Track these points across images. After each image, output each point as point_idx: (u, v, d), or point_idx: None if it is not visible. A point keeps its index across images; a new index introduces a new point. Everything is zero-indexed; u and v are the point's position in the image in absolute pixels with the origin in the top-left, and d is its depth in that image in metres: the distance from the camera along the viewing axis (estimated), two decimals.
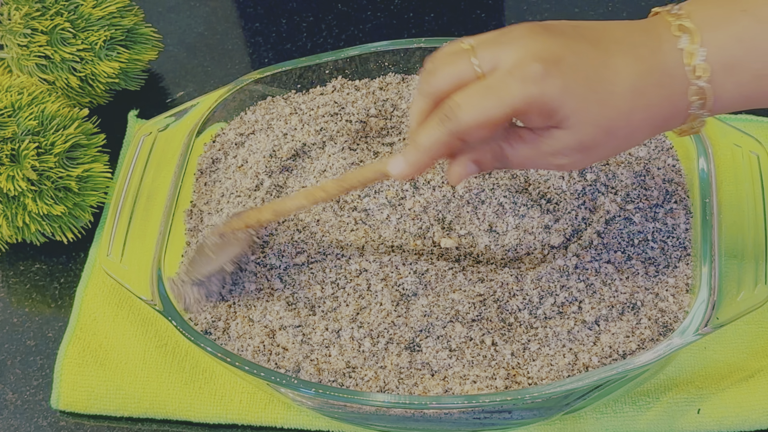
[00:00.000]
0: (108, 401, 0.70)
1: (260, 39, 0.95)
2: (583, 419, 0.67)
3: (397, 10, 0.95)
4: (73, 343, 0.72)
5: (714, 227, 0.65)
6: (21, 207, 0.74)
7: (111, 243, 0.68)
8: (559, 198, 0.68)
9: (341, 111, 0.75)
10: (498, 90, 0.52)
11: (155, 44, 0.88)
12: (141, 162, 0.72)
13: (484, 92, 0.52)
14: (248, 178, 0.72)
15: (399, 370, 0.61)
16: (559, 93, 0.51)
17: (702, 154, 0.68)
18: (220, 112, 0.76)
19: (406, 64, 0.78)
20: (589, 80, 0.52)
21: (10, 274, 0.79)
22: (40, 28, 0.80)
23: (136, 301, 0.74)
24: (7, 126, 0.74)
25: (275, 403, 0.69)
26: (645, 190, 0.68)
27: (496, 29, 0.55)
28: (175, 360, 0.71)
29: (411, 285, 0.64)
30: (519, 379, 0.60)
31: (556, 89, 0.51)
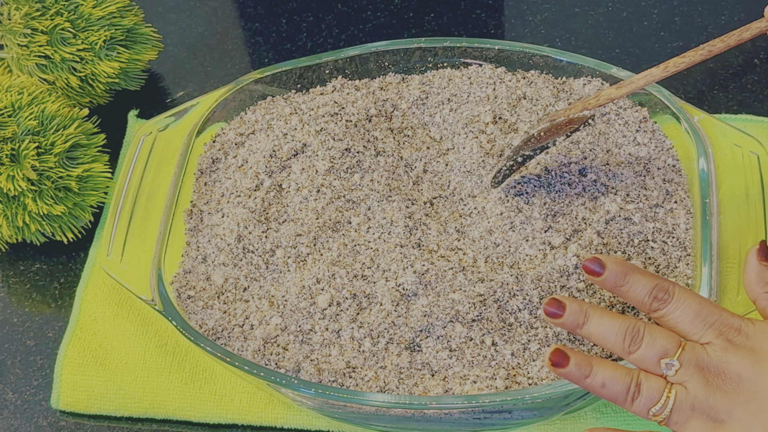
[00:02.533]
0: (108, 401, 0.70)
1: (260, 39, 0.95)
2: (583, 419, 0.67)
3: (397, 10, 0.95)
4: (73, 343, 0.72)
5: (714, 227, 0.65)
6: (21, 207, 0.74)
7: (111, 243, 0.68)
8: (559, 198, 0.68)
9: (341, 111, 0.75)
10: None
11: (155, 44, 0.88)
12: (141, 162, 0.72)
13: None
14: (248, 178, 0.72)
15: (399, 370, 0.61)
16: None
17: (702, 154, 0.68)
18: (220, 112, 0.76)
19: (406, 64, 0.78)
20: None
21: (10, 274, 0.79)
22: (40, 28, 0.80)
23: (136, 301, 0.74)
24: (7, 126, 0.74)
25: (275, 403, 0.69)
26: (645, 190, 0.69)
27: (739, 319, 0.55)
28: (175, 360, 0.71)
29: (411, 285, 0.64)
30: (519, 379, 0.60)
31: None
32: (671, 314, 0.55)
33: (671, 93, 0.72)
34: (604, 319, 0.56)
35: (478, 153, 0.71)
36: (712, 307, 0.55)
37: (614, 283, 0.57)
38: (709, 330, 0.54)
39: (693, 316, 0.54)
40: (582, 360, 0.56)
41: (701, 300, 0.55)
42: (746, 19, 0.90)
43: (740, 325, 0.54)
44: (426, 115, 0.75)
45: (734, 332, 0.53)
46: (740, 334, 0.53)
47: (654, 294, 0.55)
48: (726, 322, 0.54)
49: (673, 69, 0.65)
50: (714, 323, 0.54)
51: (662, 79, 0.65)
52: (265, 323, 0.64)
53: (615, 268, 0.57)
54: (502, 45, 0.76)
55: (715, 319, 0.54)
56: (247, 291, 0.67)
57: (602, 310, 0.56)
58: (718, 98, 0.84)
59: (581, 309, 0.56)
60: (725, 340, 0.53)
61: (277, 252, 0.68)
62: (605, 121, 0.73)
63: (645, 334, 0.54)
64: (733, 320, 0.54)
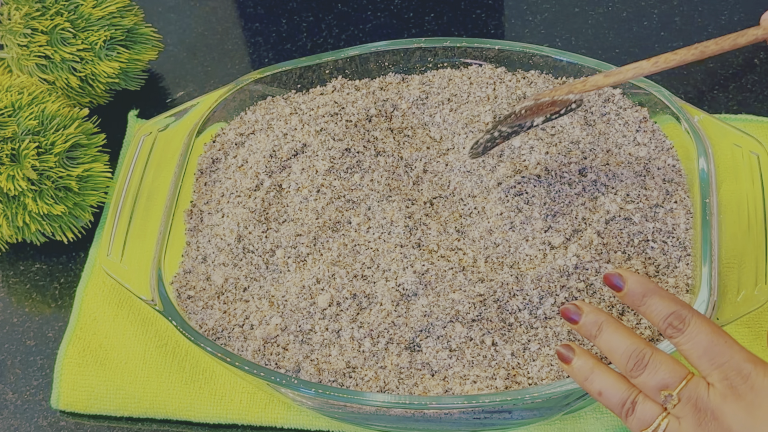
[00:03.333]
0: (108, 401, 0.70)
1: (260, 39, 0.95)
2: (583, 419, 0.67)
3: (397, 10, 0.95)
4: (73, 343, 0.72)
5: (714, 227, 0.65)
6: (21, 207, 0.74)
7: (111, 243, 0.68)
8: (559, 198, 0.68)
9: (341, 111, 0.75)
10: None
11: (155, 44, 0.88)
12: (141, 162, 0.72)
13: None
14: (248, 178, 0.72)
15: (399, 370, 0.61)
16: None
17: (702, 154, 0.68)
18: (220, 112, 0.76)
19: (406, 64, 0.78)
20: None
21: (10, 274, 0.79)
22: (40, 28, 0.80)
23: (136, 301, 0.74)
24: (7, 126, 0.74)
25: (275, 403, 0.69)
26: (645, 190, 0.68)
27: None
28: (175, 360, 0.71)
29: (411, 285, 0.64)
30: (519, 379, 0.60)
31: None
32: (682, 345, 0.54)
33: (671, 93, 0.72)
34: (615, 336, 0.55)
35: None
36: (723, 347, 0.53)
37: (631, 302, 0.57)
38: (715, 371, 0.52)
39: (702, 352, 0.53)
40: (584, 363, 0.56)
41: (715, 336, 0.53)
42: (746, 19, 0.90)
43: (749, 373, 0.52)
44: (426, 115, 0.75)
45: (740, 379, 0.52)
46: (746, 383, 0.51)
47: (669, 321, 0.54)
48: (734, 366, 0.52)
49: (663, 65, 0.64)
50: (722, 365, 0.52)
51: (651, 74, 0.65)
52: (265, 323, 0.64)
53: (634, 288, 0.56)
54: (502, 45, 0.76)
55: (724, 360, 0.52)
56: (247, 291, 0.67)
57: (616, 326, 0.56)
58: (718, 98, 0.84)
59: (596, 321, 0.56)
60: (728, 387, 0.52)
61: (277, 252, 0.68)
62: (605, 121, 0.73)
63: (649, 362, 0.54)
64: (743, 366, 0.52)
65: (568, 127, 0.72)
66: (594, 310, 0.57)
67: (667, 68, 0.64)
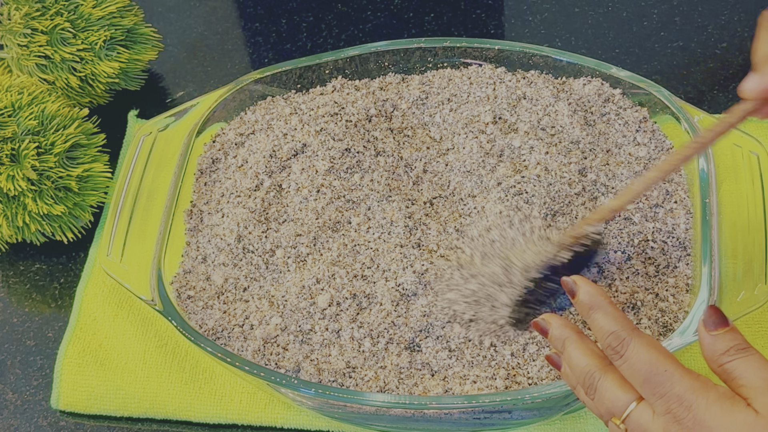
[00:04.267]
0: (108, 401, 0.70)
1: (260, 39, 0.95)
2: (583, 419, 0.67)
3: (397, 10, 0.95)
4: (73, 343, 0.72)
5: (714, 227, 0.64)
6: (21, 207, 0.74)
7: (111, 243, 0.68)
8: (559, 198, 0.68)
9: (341, 111, 0.75)
10: None
11: (155, 44, 0.88)
12: (141, 162, 0.72)
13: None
14: (248, 178, 0.72)
15: (399, 370, 0.61)
16: None
17: (702, 154, 0.68)
18: (220, 112, 0.76)
19: (406, 64, 0.78)
20: None
21: (10, 274, 0.79)
22: (40, 28, 0.80)
23: (136, 301, 0.74)
24: (7, 126, 0.74)
25: (275, 403, 0.69)
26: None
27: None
28: (175, 360, 0.71)
29: (411, 285, 0.64)
30: (519, 379, 0.60)
31: None
32: (622, 371, 0.52)
33: (671, 93, 0.72)
34: (574, 354, 0.53)
35: (478, 153, 0.71)
36: (663, 376, 0.50)
37: (581, 312, 0.55)
38: (658, 401, 0.50)
39: (642, 380, 0.50)
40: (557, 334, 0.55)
41: (654, 365, 0.50)
42: (746, 19, 0.90)
43: (691, 404, 0.48)
44: (426, 115, 0.75)
45: (683, 411, 0.49)
46: (689, 414, 0.48)
47: (608, 341, 0.52)
48: (676, 397, 0.49)
49: (669, 166, 0.60)
50: (664, 395, 0.49)
51: (659, 182, 0.62)
52: (265, 323, 0.64)
53: (582, 298, 0.54)
54: (502, 45, 0.76)
55: (666, 390, 0.49)
56: (247, 291, 0.67)
57: (578, 344, 0.54)
58: (718, 98, 0.84)
59: (560, 336, 0.55)
60: (672, 419, 0.49)
61: (277, 252, 0.68)
62: (605, 121, 0.73)
63: (597, 388, 0.52)
64: (685, 396, 0.49)
65: (568, 127, 0.72)
66: (561, 325, 0.55)
67: (674, 170, 0.61)
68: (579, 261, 0.62)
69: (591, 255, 0.63)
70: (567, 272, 0.59)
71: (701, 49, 0.88)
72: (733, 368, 0.50)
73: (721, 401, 0.48)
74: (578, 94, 0.74)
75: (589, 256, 0.63)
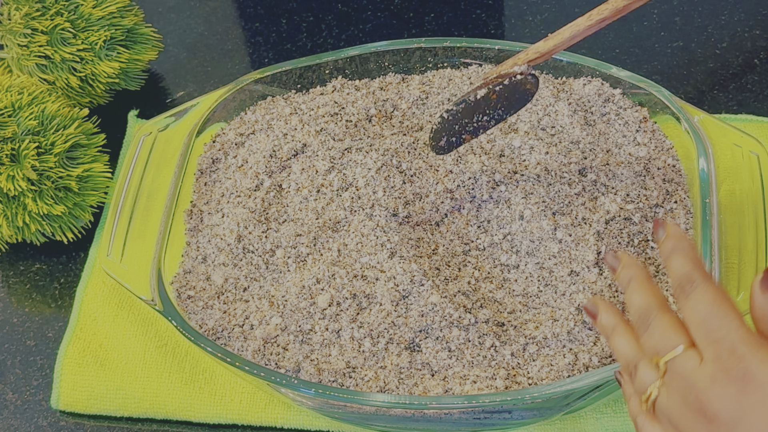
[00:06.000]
0: (108, 401, 0.70)
1: (260, 39, 0.95)
2: (583, 419, 0.67)
3: (397, 10, 0.95)
4: (73, 343, 0.72)
5: (714, 227, 0.64)
6: (21, 207, 0.74)
7: (111, 243, 0.68)
8: (559, 198, 0.68)
9: (341, 111, 0.75)
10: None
11: (155, 44, 0.88)
12: (141, 162, 0.72)
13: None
14: (248, 178, 0.72)
15: (399, 370, 0.61)
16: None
17: (702, 154, 0.68)
18: (220, 112, 0.76)
19: (406, 64, 0.78)
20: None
21: (10, 274, 0.79)
22: (40, 28, 0.80)
23: (136, 301, 0.74)
24: (7, 126, 0.74)
25: (275, 403, 0.69)
26: (645, 190, 0.68)
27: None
28: (175, 360, 0.71)
29: (410, 285, 0.64)
30: (519, 379, 0.60)
31: None
32: (683, 311, 0.50)
33: (671, 93, 0.72)
34: (636, 292, 0.53)
35: (478, 153, 0.71)
36: (722, 321, 0.48)
37: (661, 255, 0.54)
38: (709, 347, 0.48)
39: (699, 322, 0.49)
40: (608, 320, 0.54)
41: (716, 308, 0.49)
42: (746, 19, 0.90)
43: (743, 355, 0.46)
44: (426, 115, 0.75)
45: (733, 361, 0.46)
46: (738, 366, 0.46)
47: (680, 281, 0.51)
48: (729, 345, 0.47)
49: (596, 17, 0.62)
50: (717, 342, 0.48)
51: (588, 31, 0.63)
52: (265, 323, 0.64)
53: (666, 243, 0.53)
54: (502, 45, 0.76)
55: (721, 336, 0.48)
56: (247, 291, 0.67)
57: (641, 282, 0.53)
58: (718, 98, 0.84)
59: (628, 275, 0.54)
60: (720, 368, 0.47)
61: (277, 252, 0.68)
62: (605, 121, 0.73)
63: (651, 324, 0.51)
64: (738, 346, 0.47)
65: (568, 127, 0.72)
66: (631, 263, 0.55)
67: (603, 21, 0.62)
68: (513, 101, 0.64)
69: (525, 96, 0.64)
70: (500, 110, 0.64)
71: (701, 49, 0.88)
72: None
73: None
74: (578, 94, 0.74)
75: (524, 97, 0.64)
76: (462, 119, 0.65)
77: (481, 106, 0.64)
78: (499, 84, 0.63)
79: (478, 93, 0.64)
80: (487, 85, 0.63)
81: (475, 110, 0.64)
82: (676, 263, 0.52)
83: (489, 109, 0.64)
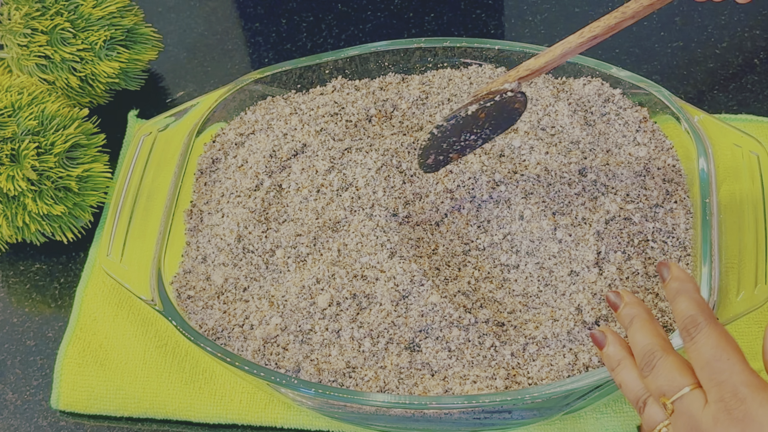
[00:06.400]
0: (108, 401, 0.70)
1: (260, 39, 0.95)
2: (583, 419, 0.67)
3: (397, 10, 0.95)
4: (73, 343, 0.72)
5: (714, 227, 0.65)
6: (21, 207, 0.74)
7: (111, 243, 0.68)
8: (559, 198, 0.68)
9: (341, 111, 0.75)
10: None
11: (155, 44, 0.88)
12: (141, 162, 0.72)
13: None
14: (248, 178, 0.72)
15: (399, 370, 0.61)
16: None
17: (702, 154, 0.68)
18: (220, 112, 0.76)
19: (406, 64, 0.78)
20: None
21: (10, 274, 0.79)
22: (40, 28, 0.80)
23: (136, 301, 0.74)
24: (7, 126, 0.74)
25: (275, 403, 0.69)
26: (645, 190, 0.68)
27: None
28: (175, 360, 0.71)
29: (410, 285, 0.64)
30: (519, 379, 0.60)
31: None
32: (689, 353, 0.53)
33: (671, 93, 0.72)
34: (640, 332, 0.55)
35: (478, 153, 0.71)
36: (725, 364, 0.50)
37: (667, 296, 0.57)
38: (713, 388, 0.50)
39: (703, 364, 0.51)
40: (614, 352, 0.56)
41: (719, 351, 0.51)
42: (746, 19, 0.90)
43: (744, 397, 0.49)
44: (426, 115, 0.75)
45: (735, 403, 0.49)
46: (741, 406, 0.49)
47: (685, 324, 0.53)
48: (731, 388, 0.49)
49: (588, 34, 0.62)
50: (720, 384, 0.50)
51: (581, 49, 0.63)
52: (265, 323, 0.64)
53: (672, 284, 0.56)
54: (502, 45, 0.76)
55: (723, 379, 0.50)
56: (247, 291, 0.67)
57: (644, 322, 0.55)
58: (718, 98, 0.84)
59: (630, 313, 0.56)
60: (723, 409, 0.49)
61: (277, 252, 0.68)
62: (605, 121, 0.73)
63: (656, 365, 0.53)
64: (740, 389, 0.49)
65: (568, 127, 0.72)
66: (633, 302, 0.57)
67: (595, 39, 0.62)
68: (500, 120, 0.64)
69: (513, 115, 0.64)
70: (487, 129, 0.63)
71: (701, 49, 0.88)
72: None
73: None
74: (578, 94, 0.74)
75: (512, 116, 0.64)
76: (450, 137, 0.64)
77: (469, 124, 0.64)
78: (490, 101, 0.63)
79: (469, 109, 0.63)
80: (478, 101, 0.63)
81: (464, 128, 0.64)
82: (682, 306, 0.55)
83: (477, 128, 0.64)
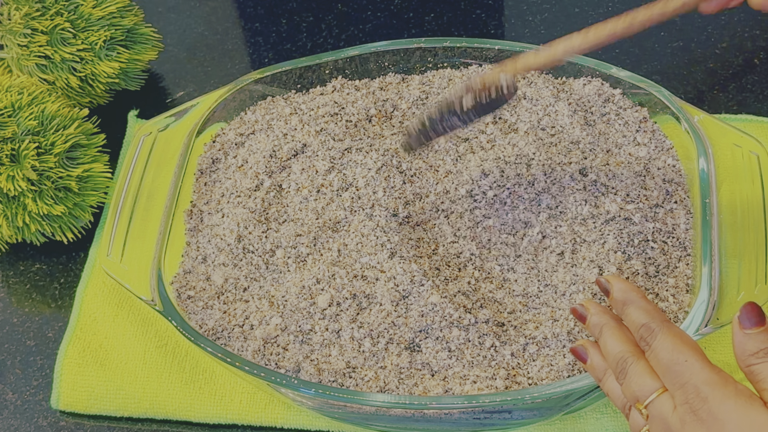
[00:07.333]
0: (108, 401, 0.70)
1: (260, 39, 0.95)
2: (583, 419, 0.67)
3: (397, 10, 0.95)
4: (73, 343, 0.72)
5: (714, 227, 0.65)
6: (21, 207, 0.74)
7: (111, 243, 0.68)
8: (559, 197, 0.68)
9: (341, 111, 0.75)
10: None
11: (155, 44, 0.88)
12: (141, 162, 0.72)
13: None
14: (248, 178, 0.72)
15: (399, 371, 0.61)
16: None
17: (702, 154, 0.68)
18: (220, 112, 0.76)
19: (406, 64, 0.78)
20: None
21: (10, 274, 0.79)
22: (40, 28, 0.80)
23: (136, 301, 0.74)
24: (7, 126, 0.74)
25: (275, 403, 0.69)
26: (645, 190, 0.68)
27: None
28: (175, 360, 0.71)
29: (410, 285, 0.64)
30: (519, 379, 0.60)
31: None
32: (650, 359, 0.53)
33: (671, 93, 0.72)
34: (610, 340, 0.56)
35: (478, 153, 0.71)
36: (683, 366, 0.51)
37: (615, 309, 0.57)
38: (677, 391, 0.51)
39: (664, 369, 0.52)
40: (598, 363, 0.57)
41: (676, 354, 0.51)
42: (746, 19, 0.90)
43: (706, 396, 0.49)
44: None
45: (699, 402, 0.49)
46: (704, 405, 0.49)
47: (640, 333, 0.54)
48: (693, 387, 0.50)
49: (593, 36, 0.61)
50: (683, 385, 0.50)
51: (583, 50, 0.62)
52: (265, 323, 0.64)
53: (617, 295, 0.57)
54: (502, 45, 0.76)
55: (685, 380, 0.50)
56: (247, 291, 0.67)
57: (613, 330, 0.56)
58: (718, 98, 0.84)
59: (599, 323, 0.57)
60: (689, 410, 0.49)
61: (277, 252, 0.68)
62: (605, 121, 0.73)
63: (628, 373, 0.54)
64: (702, 388, 0.49)
65: (568, 127, 0.72)
66: (599, 311, 0.57)
67: (599, 42, 0.61)
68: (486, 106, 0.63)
69: (498, 102, 0.63)
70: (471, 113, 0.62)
71: (701, 49, 0.88)
72: (759, 371, 0.50)
73: (737, 397, 0.49)
74: (578, 94, 0.74)
75: (496, 102, 0.63)
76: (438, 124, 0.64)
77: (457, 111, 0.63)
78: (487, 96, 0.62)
79: (464, 102, 0.62)
80: (474, 94, 0.62)
81: (451, 114, 0.63)
82: (632, 316, 0.55)
83: (462, 113, 0.63)
